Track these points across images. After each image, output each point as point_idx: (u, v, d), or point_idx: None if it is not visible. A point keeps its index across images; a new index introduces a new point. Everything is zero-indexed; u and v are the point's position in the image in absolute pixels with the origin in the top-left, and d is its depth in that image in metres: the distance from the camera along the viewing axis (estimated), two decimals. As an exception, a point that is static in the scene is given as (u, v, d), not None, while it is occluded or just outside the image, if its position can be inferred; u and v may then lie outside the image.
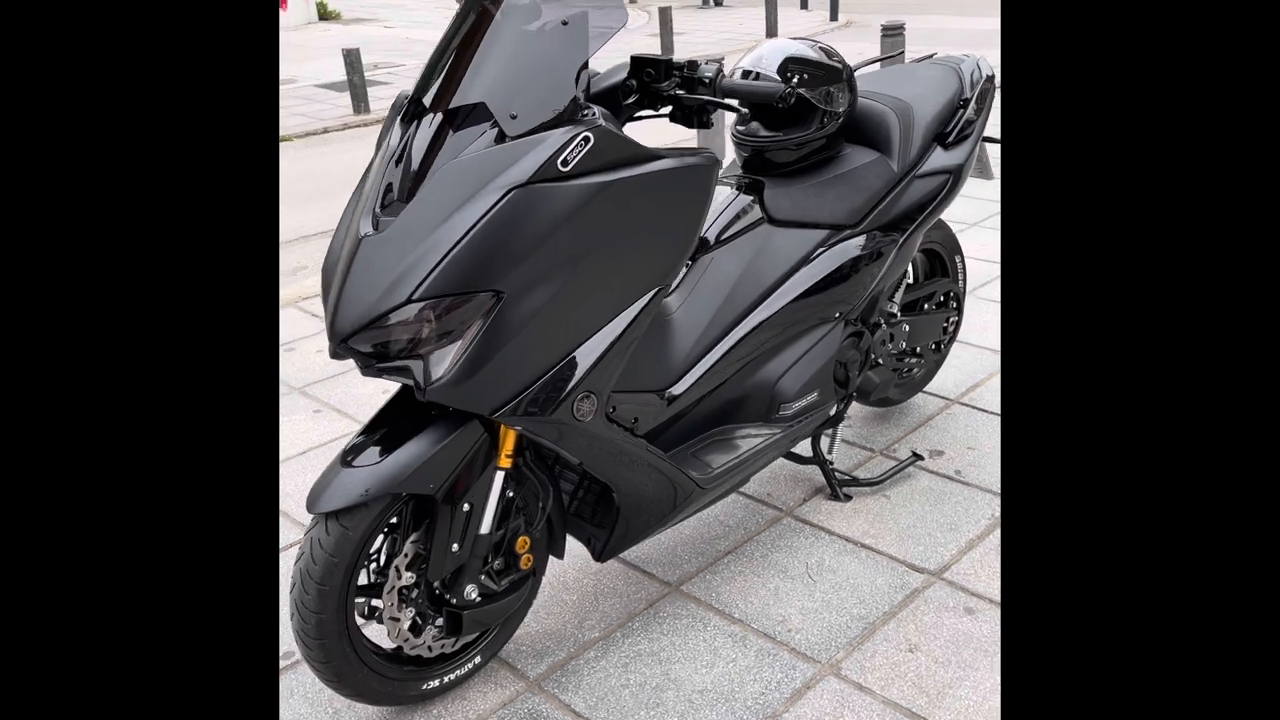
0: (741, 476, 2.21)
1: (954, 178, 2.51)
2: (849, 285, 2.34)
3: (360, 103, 9.15)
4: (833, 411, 2.49)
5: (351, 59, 8.98)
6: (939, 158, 2.50)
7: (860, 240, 2.37)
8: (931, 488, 2.68)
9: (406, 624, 1.87)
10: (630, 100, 1.89)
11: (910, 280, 2.86)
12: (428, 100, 1.72)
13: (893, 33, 5.98)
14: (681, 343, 2.09)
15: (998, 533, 2.47)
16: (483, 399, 1.67)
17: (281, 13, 16.92)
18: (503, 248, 1.60)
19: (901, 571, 2.35)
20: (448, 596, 1.88)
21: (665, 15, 11.73)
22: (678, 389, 2.07)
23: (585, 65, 1.71)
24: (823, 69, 2.29)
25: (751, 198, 2.25)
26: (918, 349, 2.83)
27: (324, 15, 18.46)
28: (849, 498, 2.64)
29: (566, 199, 1.63)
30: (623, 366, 1.82)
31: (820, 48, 2.35)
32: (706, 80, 1.86)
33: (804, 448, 2.79)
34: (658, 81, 1.87)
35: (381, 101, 9.50)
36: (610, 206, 1.68)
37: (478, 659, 2.04)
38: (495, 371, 1.66)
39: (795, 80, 2.25)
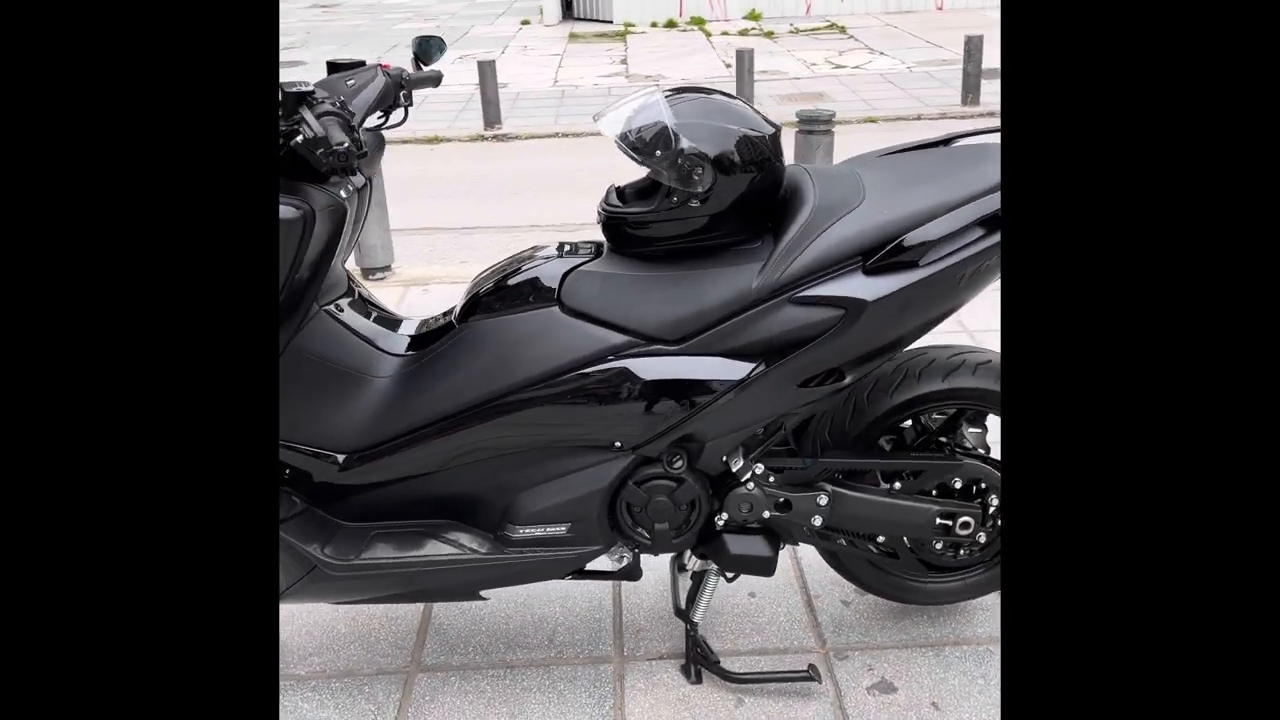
0: (421, 585, 1.87)
1: (851, 315, 1.68)
2: (632, 410, 1.76)
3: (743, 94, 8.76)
4: (615, 561, 1.92)
5: (744, 59, 8.51)
6: (846, 283, 1.69)
7: (672, 362, 1.75)
8: (804, 723, 1.92)
9: None
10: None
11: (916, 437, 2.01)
12: None
13: None
14: (377, 409, 1.83)
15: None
16: None
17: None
18: None
19: (602, 792, 1.78)
20: None
21: None
22: (355, 459, 1.84)
23: None
24: (659, 135, 1.70)
25: (560, 273, 1.82)
26: (878, 538, 1.99)
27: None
28: (699, 680, 2.03)
29: None
30: None
31: (701, 106, 1.75)
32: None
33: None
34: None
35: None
36: None
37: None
38: None
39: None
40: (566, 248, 1.88)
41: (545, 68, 11.51)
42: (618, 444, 1.81)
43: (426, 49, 2.09)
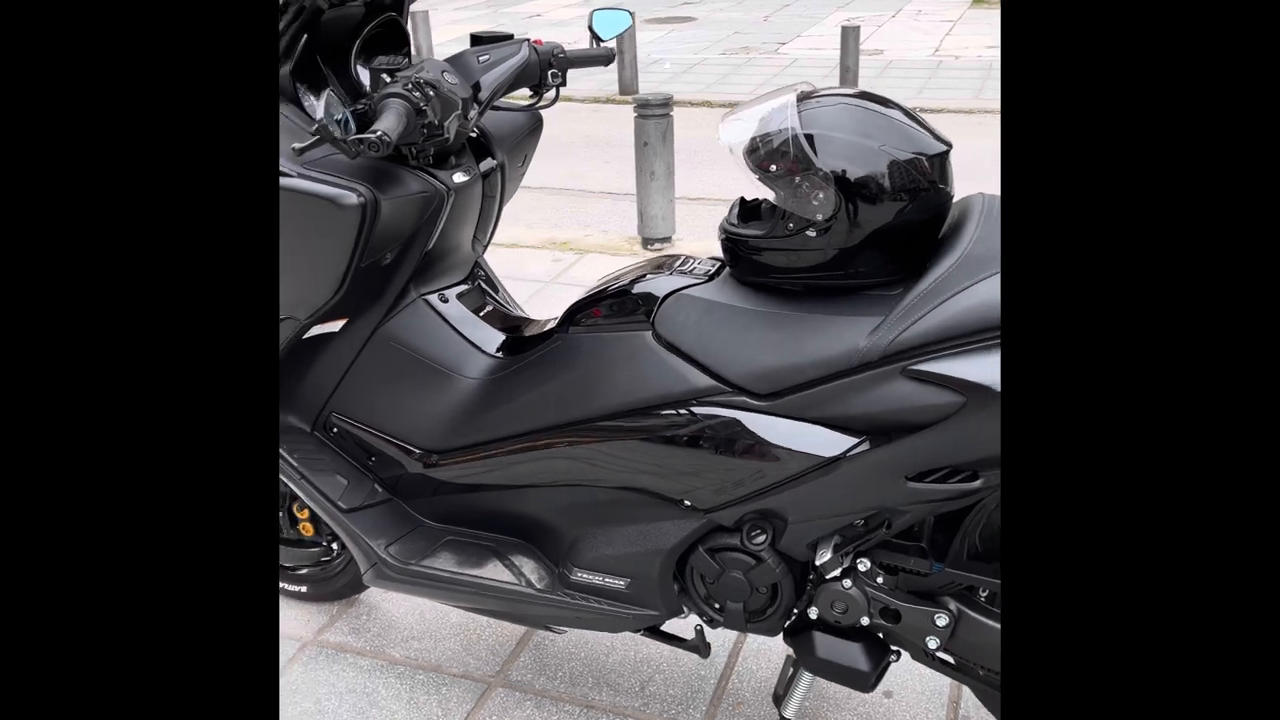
0: (478, 604, 1.73)
1: (974, 405, 1.25)
2: (702, 468, 1.46)
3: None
4: (694, 624, 1.64)
5: None
6: (975, 363, 1.26)
7: (754, 419, 1.43)
8: None
9: None
10: None
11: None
12: None
13: None
14: (459, 410, 1.70)
15: None
16: None
17: None
18: None
19: None
20: None
21: None
22: (433, 457, 1.72)
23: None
24: (783, 148, 1.37)
25: (664, 292, 1.56)
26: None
27: None
28: (776, 784, 1.73)
29: None
30: None
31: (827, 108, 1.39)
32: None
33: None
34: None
35: None
36: None
37: (304, 588, 2.17)
38: None
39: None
40: (684, 262, 1.63)
41: (930, 35, 10.75)
42: (686, 503, 1.54)
43: (603, 24, 1.89)
